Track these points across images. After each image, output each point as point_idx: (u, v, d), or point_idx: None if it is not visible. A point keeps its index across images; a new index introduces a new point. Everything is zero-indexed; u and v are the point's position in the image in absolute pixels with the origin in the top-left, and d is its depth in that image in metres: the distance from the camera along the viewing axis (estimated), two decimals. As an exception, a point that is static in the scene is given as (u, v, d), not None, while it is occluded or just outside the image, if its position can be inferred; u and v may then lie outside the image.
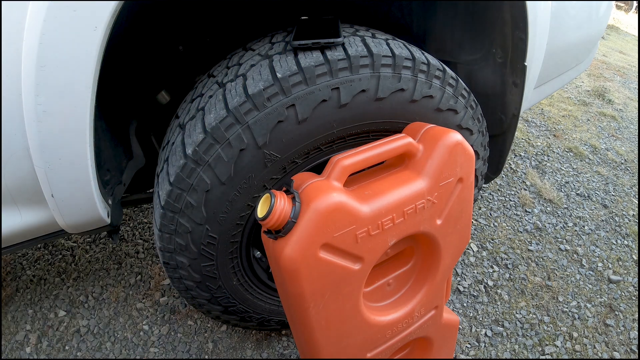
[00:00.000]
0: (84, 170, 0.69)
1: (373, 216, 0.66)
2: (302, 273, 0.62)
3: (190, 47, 1.07)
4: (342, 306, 0.71)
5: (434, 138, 0.73)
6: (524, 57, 0.96)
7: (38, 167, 0.67)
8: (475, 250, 1.64)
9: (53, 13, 0.54)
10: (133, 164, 1.05)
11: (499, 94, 1.09)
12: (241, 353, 1.20)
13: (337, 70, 0.71)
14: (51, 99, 0.60)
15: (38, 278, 1.35)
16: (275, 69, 0.71)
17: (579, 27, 1.30)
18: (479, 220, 1.81)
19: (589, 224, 1.88)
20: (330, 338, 0.72)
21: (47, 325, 1.22)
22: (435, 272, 0.83)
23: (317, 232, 0.61)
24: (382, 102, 0.77)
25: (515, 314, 1.40)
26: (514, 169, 2.22)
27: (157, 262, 1.44)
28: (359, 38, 0.78)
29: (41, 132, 0.62)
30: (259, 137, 0.71)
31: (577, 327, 1.39)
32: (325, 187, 0.63)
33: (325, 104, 0.72)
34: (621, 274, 1.63)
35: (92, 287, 1.34)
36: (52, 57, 0.56)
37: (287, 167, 0.78)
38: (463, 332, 1.32)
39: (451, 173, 0.74)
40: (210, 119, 0.71)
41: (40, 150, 0.64)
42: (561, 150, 2.49)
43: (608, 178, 2.27)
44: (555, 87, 1.49)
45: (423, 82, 0.80)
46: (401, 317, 0.82)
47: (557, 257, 1.66)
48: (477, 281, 1.51)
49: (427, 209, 0.73)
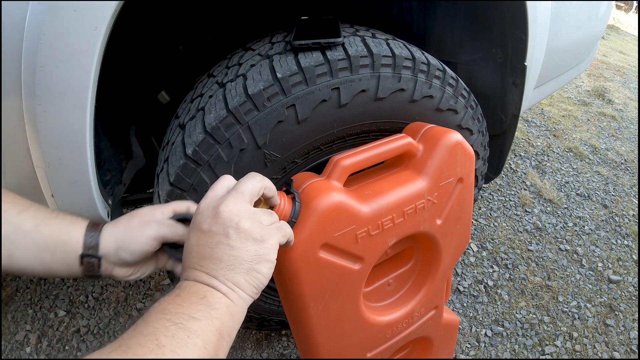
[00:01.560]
0: (84, 170, 0.69)
1: (373, 216, 0.66)
2: (302, 273, 0.62)
3: (190, 47, 1.07)
4: (342, 306, 0.71)
5: (434, 138, 0.73)
6: (524, 57, 0.96)
7: (38, 167, 0.66)
8: (475, 250, 1.64)
9: (53, 13, 0.54)
10: (133, 164, 1.05)
11: (499, 94, 1.09)
12: (241, 353, 1.20)
13: (337, 70, 0.71)
14: (51, 99, 0.60)
15: (38, 278, 1.35)
16: (275, 69, 0.71)
17: (579, 27, 1.30)
18: (479, 220, 1.81)
19: (589, 224, 1.88)
20: (330, 338, 0.72)
21: (47, 325, 1.22)
22: (435, 272, 0.83)
23: (317, 232, 0.61)
24: (382, 102, 0.77)
25: (515, 314, 1.40)
26: (514, 169, 2.22)
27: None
28: (359, 38, 0.78)
29: (41, 132, 0.62)
30: (259, 137, 0.70)
31: (577, 327, 1.39)
32: (325, 187, 0.63)
33: (325, 104, 0.72)
34: (621, 274, 1.63)
35: (92, 287, 1.34)
36: (52, 57, 0.56)
37: (287, 167, 0.78)
38: (463, 332, 1.32)
39: (451, 173, 0.74)
40: (211, 119, 0.71)
41: (40, 150, 0.64)
42: (561, 150, 2.49)
43: (608, 178, 2.27)
44: (555, 87, 1.49)
45: (423, 82, 0.80)
46: (401, 317, 0.82)
47: (557, 257, 1.66)
48: (477, 281, 1.51)
49: (427, 209, 0.73)
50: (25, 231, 0.49)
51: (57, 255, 0.51)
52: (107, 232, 0.53)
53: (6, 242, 0.48)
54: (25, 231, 0.49)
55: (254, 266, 0.47)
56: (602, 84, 3.79)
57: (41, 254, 0.50)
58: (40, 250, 0.50)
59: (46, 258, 0.51)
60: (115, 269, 0.55)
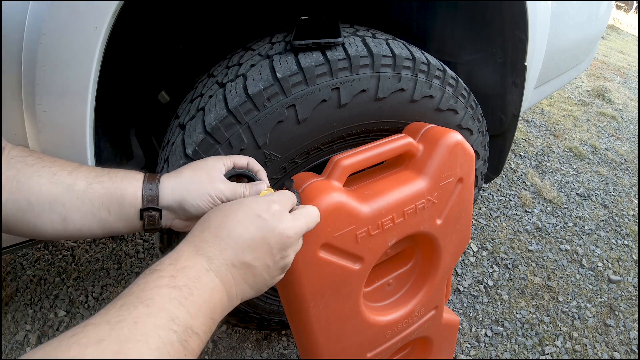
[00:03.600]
0: (84, 170, 0.69)
1: (373, 216, 0.66)
2: (302, 273, 0.62)
3: (190, 47, 1.07)
4: (342, 306, 0.71)
5: (434, 138, 0.73)
6: (524, 57, 0.96)
7: (38, 167, 0.66)
8: (475, 250, 1.64)
9: (53, 13, 0.54)
10: (133, 164, 1.05)
11: (499, 94, 1.09)
12: (241, 353, 1.20)
13: (337, 70, 0.71)
14: (51, 99, 0.59)
15: (38, 278, 1.35)
16: (275, 69, 0.71)
17: (579, 27, 1.30)
18: (479, 220, 1.81)
19: (589, 224, 1.88)
20: (330, 338, 0.72)
21: (47, 325, 1.22)
22: (435, 272, 0.83)
23: (317, 232, 0.61)
24: (382, 102, 0.77)
25: (515, 314, 1.40)
26: (514, 169, 2.22)
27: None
28: (359, 38, 0.78)
29: (41, 132, 0.62)
30: (259, 137, 0.70)
31: (577, 327, 1.39)
32: (325, 187, 0.63)
33: (325, 104, 0.72)
34: (621, 274, 1.63)
35: (92, 287, 1.34)
36: (52, 57, 0.56)
37: (287, 167, 0.78)
38: (463, 332, 1.32)
39: (451, 173, 0.74)
40: (211, 119, 0.71)
41: (40, 150, 0.64)
42: (561, 150, 2.49)
43: (608, 178, 2.27)
44: (555, 87, 1.49)
45: (423, 82, 0.80)
46: (401, 317, 0.82)
47: (557, 257, 1.66)
48: (477, 281, 1.51)
49: (427, 209, 0.73)
50: (78, 191, 0.47)
51: (115, 211, 0.49)
52: (168, 183, 0.51)
53: (58, 205, 0.46)
54: (78, 191, 0.47)
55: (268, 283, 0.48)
56: (602, 84, 3.79)
57: (98, 213, 0.48)
58: (96, 209, 0.48)
59: (103, 216, 0.48)
60: (175, 220, 0.54)
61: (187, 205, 0.51)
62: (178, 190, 0.51)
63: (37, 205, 0.45)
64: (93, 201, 0.48)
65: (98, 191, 0.48)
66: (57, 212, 0.46)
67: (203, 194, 0.51)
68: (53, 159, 0.49)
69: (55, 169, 0.47)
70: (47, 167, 0.47)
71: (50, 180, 0.46)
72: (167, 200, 0.51)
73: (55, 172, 0.47)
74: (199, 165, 0.54)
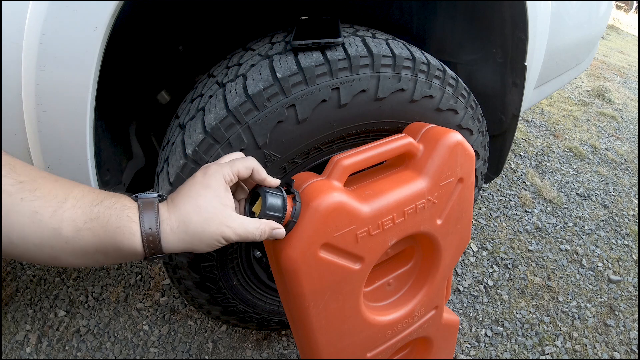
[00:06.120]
0: (84, 170, 0.69)
1: (373, 216, 0.66)
2: (302, 273, 0.62)
3: (190, 47, 1.07)
4: (342, 306, 0.71)
5: (434, 138, 0.73)
6: (524, 57, 0.96)
7: (38, 167, 0.66)
8: (475, 250, 1.64)
9: (53, 13, 0.54)
10: (133, 164, 1.05)
11: (499, 94, 1.09)
12: (241, 353, 1.20)
13: (337, 70, 0.71)
14: (51, 99, 0.60)
15: (38, 278, 1.35)
16: (275, 69, 0.71)
17: (579, 27, 1.30)
18: (479, 220, 1.81)
19: (589, 224, 1.88)
20: (330, 338, 0.72)
21: (47, 325, 1.22)
22: (435, 272, 0.83)
23: (317, 232, 0.61)
24: (382, 102, 0.77)
25: (515, 314, 1.40)
26: (514, 169, 2.22)
27: (157, 262, 1.44)
28: (359, 38, 0.78)
29: (41, 132, 0.62)
30: (259, 137, 0.70)
31: (577, 327, 1.39)
32: (325, 187, 0.63)
33: (325, 104, 0.72)
34: (621, 274, 1.63)
35: (92, 287, 1.34)
36: (52, 57, 0.56)
37: (287, 167, 0.78)
38: (463, 332, 1.32)
39: (451, 173, 0.74)
40: (210, 119, 0.71)
41: (40, 150, 0.64)
42: (561, 150, 2.49)
43: (608, 178, 2.27)
44: (555, 87, 1.49)
45: (423, 82, 0.80)
46: (401, 317, 0.82)
47: (557, 257, 1.66)
48: (477, 281, 1.51)
49: (427, 209, 0.73)
50: (66, 237, 0.43)
51: (113, 256, 0.46)
52: (172, 232, 0.48)
53: (46, 248, 0.42)
54: (66, 237, 0.43)
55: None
56: (602, 84, 3.79)
57: (93, 256, 0.45)
58: (90, 255, 0.45)
59: (100, 259, 0.46)
60: None
61: (196, 250, 0.50)
62: (186, 238, 0.49)
63: (22, 245, 0.41)
64: (85, 248, 0.44)
65: (89, 239, 0.44)
66: (46, 253, 0.43)
67: (214, 240, 0.50)
68: (33, 184, 0.42)
69: (36, 206, 0.41)
70: (27, 201, 0.41)
71: (32, 220, 0.41)
72: (172, 246, 0.49)
73: (37, 211, 0.41)
74: (203, 198, 0.50)
